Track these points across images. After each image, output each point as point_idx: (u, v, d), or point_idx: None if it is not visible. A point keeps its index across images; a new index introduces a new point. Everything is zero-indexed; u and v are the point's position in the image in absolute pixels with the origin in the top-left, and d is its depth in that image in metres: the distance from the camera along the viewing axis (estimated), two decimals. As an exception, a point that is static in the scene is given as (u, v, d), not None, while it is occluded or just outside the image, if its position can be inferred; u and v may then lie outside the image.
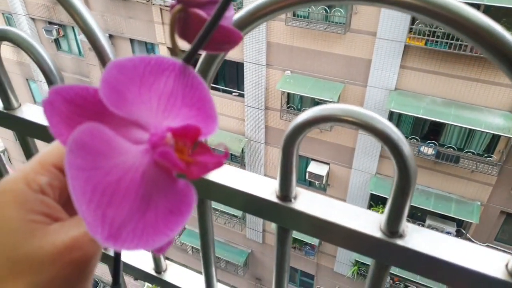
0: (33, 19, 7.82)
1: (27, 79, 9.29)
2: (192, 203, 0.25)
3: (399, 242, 0.45)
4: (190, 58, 0.28)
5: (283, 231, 0.52)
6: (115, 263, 0.31)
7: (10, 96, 0.66)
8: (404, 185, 0.42)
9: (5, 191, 0.26)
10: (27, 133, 0.68)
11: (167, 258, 0.73)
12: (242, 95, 6.72)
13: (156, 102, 0.26)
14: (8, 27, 0.57)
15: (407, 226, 0.46)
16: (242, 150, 7.04)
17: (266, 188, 0.50)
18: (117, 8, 7.02)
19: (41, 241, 0.25)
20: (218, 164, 0.24)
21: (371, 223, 0.47)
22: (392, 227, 0.45)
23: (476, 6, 4.54)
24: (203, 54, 0.41)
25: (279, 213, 0.50)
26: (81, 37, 7.51)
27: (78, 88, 0.25)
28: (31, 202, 0.26)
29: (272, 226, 7.03)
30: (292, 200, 0.49)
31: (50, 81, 0.56)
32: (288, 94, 6.26)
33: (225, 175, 0.52)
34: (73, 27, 7.82)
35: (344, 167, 6.42)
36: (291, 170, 0.47)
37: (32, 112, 0.63)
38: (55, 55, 8.27)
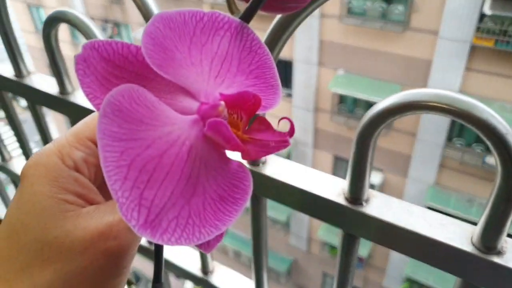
0: (92, 18, 8.21)
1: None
2: (248, 190, 0.20)
3: (496, 260, 0.37)
4: (249, 16, 0.23)
5: (349, 238, 0.45)
6: (156, 258, 0.26)
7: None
8: (510, 190, 0.34)
9: (37, 164, 0.23)
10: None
11: (216, 259, 0.68)
12: (290, 95, 6.63)
13: (208, 66, 0.21)
14: (67, 9, 0.55)
15: (506, 241, 0.38)
16: (289, 153, 6.96)
17: (333, 188, 0.44)
18: (169, 5, 7.21)
19: (73, 224, 0.21)
20: (283, 144, 0.20)
21: (460, 235, 0.40)
22: (489, 242, 0.37)
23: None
24: (276, 18, 0.36)
25: (347, 218, 0.43)
26: (134, 34, 7.79)
27: (118, 45, 0.20)
28: (64, 179, 0.22)
29: (320, 234, 6.87)
30: (364, 203, 0.42)
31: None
32: (340, 95, 6.09)
33: (285, 171, 0.46)
34: (126, 25, 8.12)
35: (399, 175, 6.15)
36: (365, 168, 0.40)
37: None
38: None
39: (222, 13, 0.22)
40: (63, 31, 8.58)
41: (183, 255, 0.70)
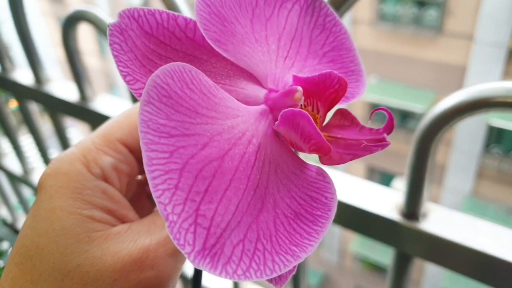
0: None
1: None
2: (331, 205, 0.16)
3: None
4: None
5: (403, 258, 0.39)
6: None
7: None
8: None
9: (57, 173, 0.18)
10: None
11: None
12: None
13: (276, 44, 0.17)
14: (86, 8, 0.52)
15: None
16: (318, 163, 6.84)
17: (384, 202, 0.38)
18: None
19: (100, 248, 0.17)
20: (379, 144, 0.15)
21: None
22: None
23: None
24: None
25: (401, 235, 0.37)
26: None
27: (163, 16, 0.16)
28: (90, 191, 0.18)
29: (352, 246, 6.73)
30: (420, 218, 0.37)
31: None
32: (372, 103, 5.96)
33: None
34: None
35: (434, 185, 5.93)
36: (423, 178, 0.35)
37: (107, 104, 0.58)
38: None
39: None
40: (91, 42, 8.88)
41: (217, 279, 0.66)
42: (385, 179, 6.23)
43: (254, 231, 0.14)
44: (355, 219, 0.39)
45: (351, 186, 0.40)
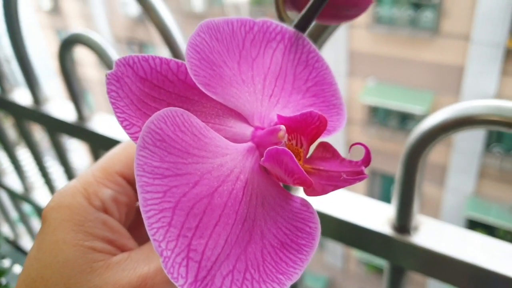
0: (118, 40, 8.45)
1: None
2: (315, 234, 0.17)
3: None
4: (306, 25, 0.19)
5: (397, 271, 0.40)
6: None
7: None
8: None
9: (60, 207, 0.20)
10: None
11: None
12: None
13: (261, 83, 0.18)
14: (82, 31, 0.53)
15: None
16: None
17: (376, 216, 0.39)
18: (194, 24, 7.32)
19: (102, 278, 0.18)
20: (357, 177, 0.16)
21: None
22: None
23: None
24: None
25: (393, 249, 0.38)
26: (162, 54, 7.98)
27: (156, 61, 0.17)
28: (91, 223, 0.19)
29: (355, 251, 6.75)
30: (411, 232, 0.37)
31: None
32: (371, 106, 5.97)
33: (321, 198, 0.42)
34: (151, 46, 8.33)
35: (435, 186, 5.92)
36: (412, 193, 0.35)
37: (105, 123, 0.59)
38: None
39: (274, 22, 0.19)
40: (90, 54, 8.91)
41: None
42: (387, 181, 6.22)
43: (243, 262, 0.15)
44: (348, 233, 0.40)
45: (344, 201, 0.41)
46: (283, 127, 0.16)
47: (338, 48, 5.76)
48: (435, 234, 0.37)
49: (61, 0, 8.73)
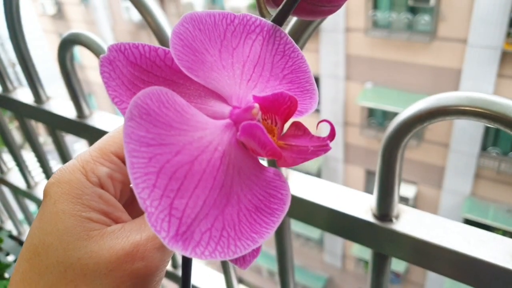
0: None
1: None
2: (286, 200, 0.19)
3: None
4: (282, 19, 0.22)
5: (380, 258, 0.42)
6: (183, 278, 0.24)
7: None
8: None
9: (60, 182, 0.22)
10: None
11: (240, 282, 0.66)
12: (318, 111, 6.58)
13: (240, 69, 0.21)
14: (80, 31, 0.55)
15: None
16: (319, 168, 6.87)
17: (360, 204, 0.41)
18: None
19: (97, 244, 0.20)
20: (322, 148, 0.19)
21: (502, 252, 0.36)
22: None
23: None
24: (289, 26, 0.34)
25: (376, 236, 0.40)
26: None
27: (145, 48, 0.20)
28: (88, 196, 0.21)
29: (354, 250, 6.72)
30: (393, 220, 0.39)
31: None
32: (369, 108, 6.00)
33: (308, 188, 0.44)
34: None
35: (433, 188, 5.94)
36: (393, 182, 0.37)
37: (105, 121, 0.61)
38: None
39: (253, 15, 0.22)
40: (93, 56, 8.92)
41: (207, 276, 0.68)
42: (385, 183, 6.23)
43: (220, 222, 0.18)
44: (333, 222, 0.42)
45: (329, 191, 0.43)
46: (256, 105, 0.19)
47: (336, 52, 5.79)
48: (415, 222, 0.39)
49: (64, 5, 8.77)
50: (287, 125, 0.20)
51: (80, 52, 9.15)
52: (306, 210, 0.43)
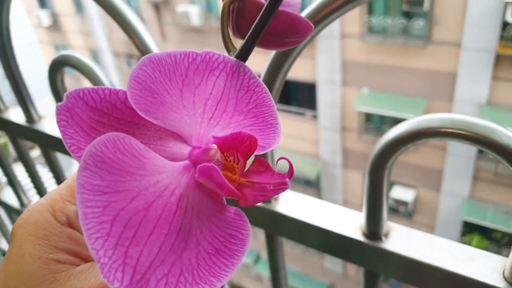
0: (116, 55, 8.51)
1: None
2: (246, 240, 0.19)
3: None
4: (246, 54, 0.22)
5: (371, 276, 0.42)
6: None
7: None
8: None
9: (27, 223, 0.22)
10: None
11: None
12: (315, 117, 6.60)
13: (202, 107, 0.20)
14: (71, 52, 0.55)
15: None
16: (318, 174, 6.86)
17: (350, 223, 0.41)
18: (191, 37, 7.38)
19: (64, 286, 0.20)
20: (281, 187, 0.18)
21: (491, 269, 0.36)
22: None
23: None
24: (272, 54, 0.34)
25: (366, 255, 0.40)
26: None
27: (105, 92, 0.20)
28: (56, 236, 0.21)
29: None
30: (383, 238, 0.40)
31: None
32: (367, 113, 6.01)
33: (299, 207, 0.44)
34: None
35: (432, 191, 5.94)
36: (381, 201, 0.38)
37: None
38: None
39: (216, 52, 0.22)
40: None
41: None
42: (384, 188, 6.22)
43: (178, 267, 0.17)
44: (323, 241, 0.42)
45: (319, 209, 0.43)
46: (214, 146, 0.19)
47: (332, 58, 5.81)
48: (404, 240, 0.39)
49: (60, 16, 8.79)
50: (252, 160, 0.21)
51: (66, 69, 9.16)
52: (297, 229, 0.44)
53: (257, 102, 0.21)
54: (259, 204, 0.45)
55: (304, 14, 0.32)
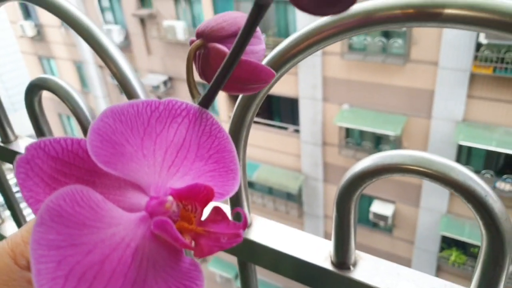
0: (100, 66, 8.44)
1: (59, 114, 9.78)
2: None
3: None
4: (208, 101, 0.22)
5: (341, 303, 0.43)
6: None
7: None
8: (497, 254, 0.32)
9: None
10: None
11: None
12: (297, 131, 6.66)
13: (162, 155, 0.20)
14: (48, 76, 0.55)
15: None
16: (300, 188, 6.90)
17: (320, 251, 0.42)
18: (177, 51, 7.40)
19: None
20: (234, 239, 0.19)
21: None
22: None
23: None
24: (239, 97, 0.35)
25: (335, 284, 0.41)
26: (143, 80, 7.97)
27: (67, 142, 0.19)
28: (15, 282, 0.21)
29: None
30: (351, 267, 0.41)
31: (86, 131, 0.54)
32: (347, 129, 6.10)
33: (271, 234, 0.45)
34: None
35: (411, 206, 6.04)
36: (348, 232, 0.39)
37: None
38: (118, 98, 8.77)
39: (179, 100, 0.22)
40: (74, 79, 8.83)
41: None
42: (364, 202, 6.31)
43: None
44: (294, 269, 0.43)
45: (291, 238, 0.44)
46: (170, 198, 0.19)
47: (314, 74, 5.90)
48: (371, 269, 0.40)
49: (45, 27, 8.69)
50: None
51: (60, 71, 9.06)
52: (269, 257, 0.44)
53: (218, 147, 0.22)
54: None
55: (265, 61, 0.33)
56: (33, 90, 0.57)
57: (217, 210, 0.20)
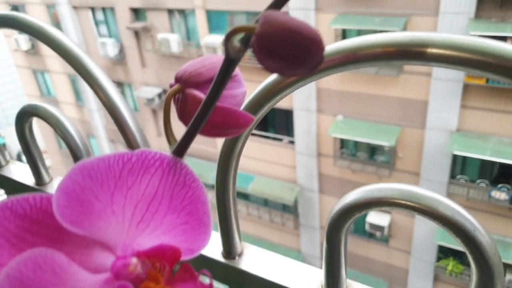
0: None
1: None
2: None
3: None
4: (183, 150, 0.22)
5: (333, 333, 0.43)
6: None
7: (41, 171, 0.65)
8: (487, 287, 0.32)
9: None
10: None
11: None
12: (292, 142, 6.67)
13: (132, 210, 0.20)
14: (39, 103, 0.55)
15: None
16: (296, 199, 6.88)
17: (311, 281, 0.42)
18: (171, 64, 7.42)
19: None
20: None
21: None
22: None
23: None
24: (223, 141, 0.35)
25: (327, 313, 0.41)
26: (137, 93, 7.97)
27: (36, 199, 0.19)
28: None
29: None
30: (343, 296, 0.40)
31: (76, 158, 0.54)
32: (342, 139, 6.12)
33: (262, 264, 0.44)
34: (129, 85, 8.33)
35: (406, 216, 6.03)
36: (339, 262, 0.39)
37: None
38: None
39: (153, 150, 0.21)
40: (67, 91, 8.82)
41: None
42: (360, 213, 6.28)
43: None
44: (285, 300, 0.42)
45: (281, 266, 0.44)
46: (134, 260, 0.18)
47: (308, 86, 5.93)
48: (363, 298, 0.40)
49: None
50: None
51: (54, 85, 9.04)
52: (260, 287, 0.44)
53: (192, 198, 0.21)
54: (222, 260, 0.46)
55: (243, 106, 0.33)
56: (24, 117, 0.57)
57: (185, 268, 0.19)
